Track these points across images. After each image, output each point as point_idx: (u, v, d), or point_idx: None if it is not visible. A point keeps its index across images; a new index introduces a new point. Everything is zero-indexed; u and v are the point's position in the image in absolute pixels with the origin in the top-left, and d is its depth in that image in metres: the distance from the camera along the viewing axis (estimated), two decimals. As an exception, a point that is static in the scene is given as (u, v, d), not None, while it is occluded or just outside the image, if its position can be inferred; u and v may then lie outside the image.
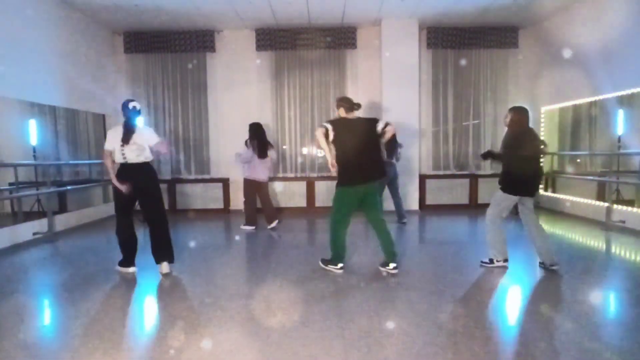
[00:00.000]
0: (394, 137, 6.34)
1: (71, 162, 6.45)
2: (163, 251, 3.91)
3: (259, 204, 6.22)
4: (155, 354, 2.44)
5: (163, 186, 7.62)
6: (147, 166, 3.86)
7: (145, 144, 3.80)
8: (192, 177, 7.89)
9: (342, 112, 3.90)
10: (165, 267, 3.92)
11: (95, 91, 6.77)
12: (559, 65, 6.96)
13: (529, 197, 3.94)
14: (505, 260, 4.03)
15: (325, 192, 7.69)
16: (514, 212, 4.13)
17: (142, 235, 4.26)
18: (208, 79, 7.77)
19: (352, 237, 4.66)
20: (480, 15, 7.05)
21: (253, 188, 6.06)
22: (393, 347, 2.46)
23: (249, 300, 3.29)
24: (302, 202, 7.87)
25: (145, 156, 3.83)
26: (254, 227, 6.13)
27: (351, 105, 3.90)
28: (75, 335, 2.69)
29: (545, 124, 7.50)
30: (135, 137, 3.74)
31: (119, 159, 3.78)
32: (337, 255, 3.93)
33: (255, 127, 6.02)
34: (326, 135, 3.74)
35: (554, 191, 7.37)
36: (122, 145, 3.72)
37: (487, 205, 4.12)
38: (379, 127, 3.75)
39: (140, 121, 3.90)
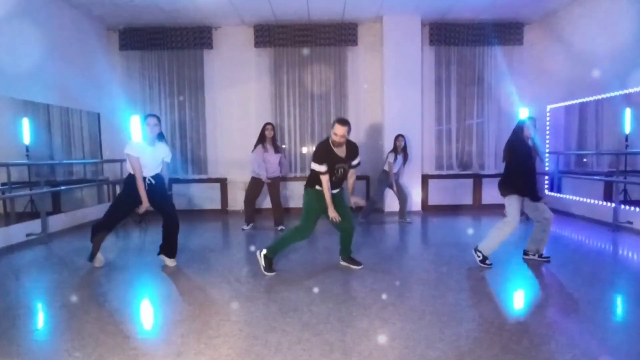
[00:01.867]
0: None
1: (65, 161, 6.33)
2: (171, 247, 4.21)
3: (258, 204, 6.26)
4: (151, 357, 2.37)
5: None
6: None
7: None
8: (190, 177, 7.75)
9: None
10: (168, 261, 4.19)
11: (90, 89, 6.65)
12: (564, 62, 6.84)
13: None
14: None
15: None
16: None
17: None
18: (205, 76, 7.63)
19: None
20: (484, 11, 6.93)
21: None
22: (395, 351, 2.40)
23: (248, 302, 3.20)
24: (301, 203, 7.70)
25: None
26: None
27: None
28: (69, 339, 2.61)
29: (550, 122, 7.37)
30: None
31: None
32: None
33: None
34: None
35: (559, 191, 7.23)
36: None
37: (490, 205, 4.05)
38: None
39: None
